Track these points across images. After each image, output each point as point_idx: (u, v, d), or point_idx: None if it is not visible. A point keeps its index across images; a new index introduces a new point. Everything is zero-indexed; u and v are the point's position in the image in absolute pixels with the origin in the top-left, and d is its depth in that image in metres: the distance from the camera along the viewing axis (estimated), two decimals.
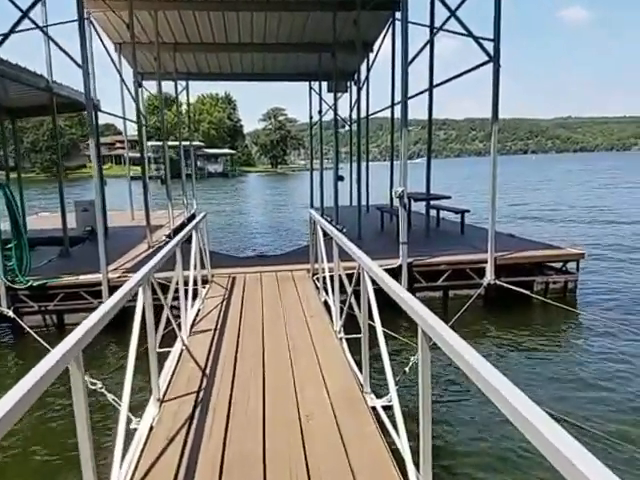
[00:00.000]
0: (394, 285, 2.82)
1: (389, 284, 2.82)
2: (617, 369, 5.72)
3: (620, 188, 32.43)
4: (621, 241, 13.60)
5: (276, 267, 7.90)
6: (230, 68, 16.75)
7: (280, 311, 5.70)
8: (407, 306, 2.49)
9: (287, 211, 25.22)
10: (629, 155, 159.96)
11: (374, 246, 9.54)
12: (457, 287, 7.92)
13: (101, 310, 2.40)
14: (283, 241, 15.42)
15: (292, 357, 4.28)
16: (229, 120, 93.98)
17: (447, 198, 10.81)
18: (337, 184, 12.01)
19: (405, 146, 7.42)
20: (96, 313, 2.34)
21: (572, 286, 8.11)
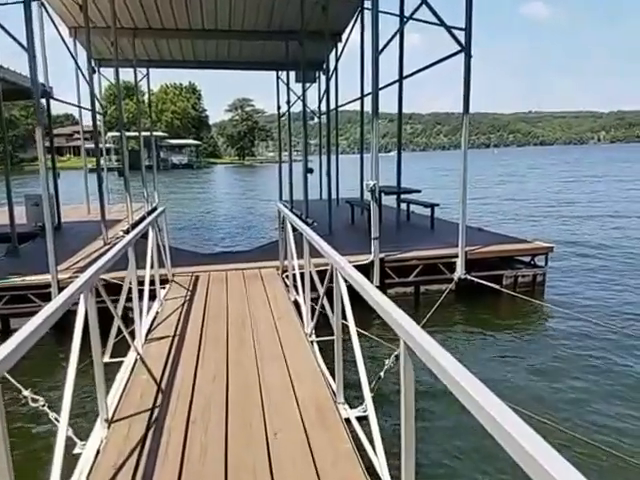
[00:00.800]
0: (372, 290, 2.51)
1: (367, 289, 2.51)
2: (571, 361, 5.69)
3: (581, 181, 33.00)
4: (590, 234, 13.68)
5: (243, 264, 7.51)
6: (193, 55, 16.16)
7: (247, 313, 5.34)
8: (388, 316, 2.18)
9: (255, 204, 24.72)
10: (586, 148, 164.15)
11: (345, 241, 9.26)
12: (428, 282, 7.71)
13: (27, 328, 2.01)
14: (251, 236, 14.93)
15: (259, 366, 3.94)
16: (194, 110, 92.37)
17: (417, 192, 10.59)
18: (306, 177, 11.67)
19: (376, 139, 7.12)
20: (19, 333, 1.95)
21: (540, 279, 8.01)
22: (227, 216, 20.23)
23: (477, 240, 8.23)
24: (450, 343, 6.29)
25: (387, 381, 4.27)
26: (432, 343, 1.78)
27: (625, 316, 7.02)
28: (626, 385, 5.08)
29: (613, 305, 7.49)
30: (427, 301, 7.52)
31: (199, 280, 6.87)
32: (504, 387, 5.01)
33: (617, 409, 4.61)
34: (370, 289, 2.54)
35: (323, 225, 10.49)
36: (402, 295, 7.65)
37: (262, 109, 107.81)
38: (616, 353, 5.82)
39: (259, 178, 51.04)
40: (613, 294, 8.07)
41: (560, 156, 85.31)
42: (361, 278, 2.79)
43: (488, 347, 6.22)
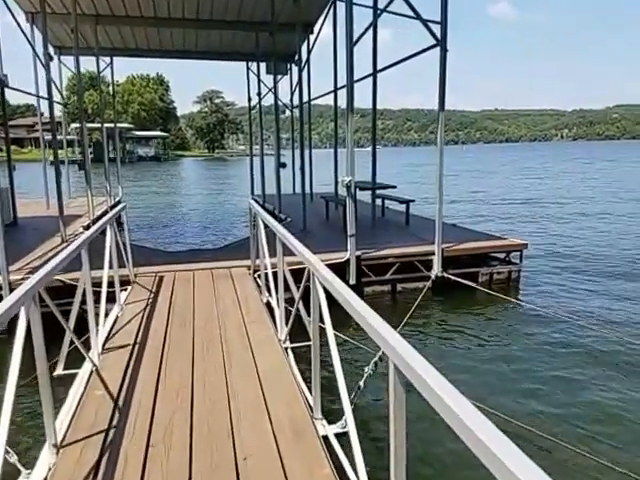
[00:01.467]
0: (355, 301, 2.22)
1: (349, 300, 2.21)
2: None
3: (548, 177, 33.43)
4: (564, 229, 13.71)
5: (212, 264, 7.14)
6: (159, 44, 15.54)
7: (215, 317, 4.99)
8: (376, 334, 1.87)
9: (225, 199, 24.19)
10: (551, 145, 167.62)
11: (320, 237, 8.99)
12: (405, 280, 7.48)
13: None
14: (221, 233, 14.41)
15: (228, 378, 3.60)
16: (161, 102, 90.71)
17: (392, 187, 10.37)
18: (279, 171, 11.33)
19: (351, 133, 6.83)
20: None
21: (515, 276, 7.88)
22: (195, 211, 19.66)
23: (452, 237, 8.03)
24: (430, 344, 6.07)
25: (367, 390, 4.01)
26: (427, 367, 1.49)
27: (601, 311, 6.93)
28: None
29: (590, 302, 7.40)
30: (404, 300, 7.30)
31: (163, 281, 6.48)
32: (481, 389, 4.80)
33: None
34: (352, 299, 2.25)
35: (297, 221, 10.18)
36: (379, 294, 7.41)
37: (232, 101, 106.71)
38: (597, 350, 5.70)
39: (229, 172, 50.32)
40: (588, 289, 8.01)
41: (530, 152, 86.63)
42: (342, 287, 2.49)
43: (470, 351, 6.02)
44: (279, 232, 4.19)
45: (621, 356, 5.60)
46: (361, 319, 2.05)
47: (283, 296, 4.48)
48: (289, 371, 3.70)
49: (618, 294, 7.76)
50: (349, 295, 2.30)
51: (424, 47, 7.19)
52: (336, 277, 2.65)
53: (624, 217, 15.64)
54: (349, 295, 2.30)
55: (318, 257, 3.06)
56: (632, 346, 5.71)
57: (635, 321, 6.62)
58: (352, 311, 2.16)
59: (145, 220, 16.82)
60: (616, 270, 9.16)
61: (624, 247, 11.16)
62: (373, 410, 4.26)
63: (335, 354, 2.89)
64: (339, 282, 2.54)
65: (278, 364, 3.84)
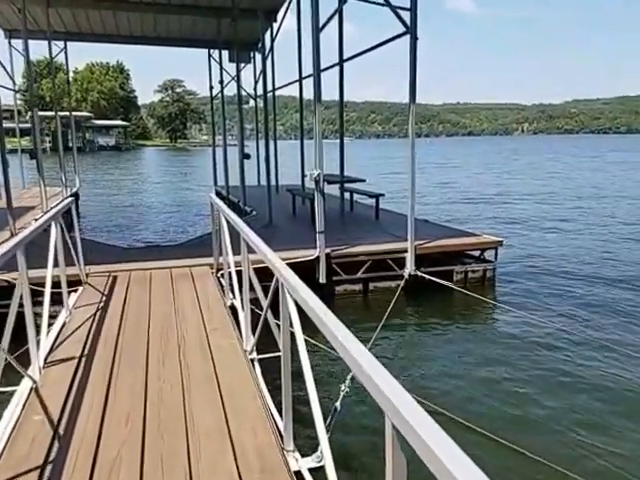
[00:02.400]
0: (333, 325, 1.86)
1: (330, 327, 1.85)
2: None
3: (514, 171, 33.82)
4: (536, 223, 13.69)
5: (170, 262, 6.66)
6: (117, 30, 14.72)
7: (173, 323, 4.55)
8: (370, 383, 1.44)
9: (187, 190, 23.47)
10: (512, 139, 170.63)
11: (287, 232, 8.61)
12: (377, 279, 7.17)
13: None
14: (181, 227, 13.74)
15: (186, 399, 3.19)
16: (122, 90, 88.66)
17: (362, 181, 10.05)
18: (243, 162, 10.87)
19: (319, 124, 6.44)
20: None
21: (490, 274, 7.67)
22: (155, 203, 18.94)
23: (425, 233, 7.76)
24: (403, 349, 5.80)
25: (345, 410, 3.67)
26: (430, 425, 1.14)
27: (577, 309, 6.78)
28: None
29: (564, 298, 7.25)
30: (376, 299, 7.00)
31: (117, 281, 5.97)
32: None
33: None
34: (326, 316, 1.90)
35: (263, 214, 9.76)
36: (350, 293, 7.08)
37: (194, 90, 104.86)
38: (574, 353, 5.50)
39: (192, 162, 49.27)
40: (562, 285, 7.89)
41: (495, 146, 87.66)
42: (315, 302, 2.14)
43: (445, 354, 5.76)
44: (245, 234, 3.78)
45: (596, 360, 5.43)
46: (340, 346, 1.69)
47: (249, 303, 4.08)
48: (255, 389, 3.31)
49: (590, 294, 7.66)
50: (325, 316, 1.95)
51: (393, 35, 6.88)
52: (309, 291, 2.30)
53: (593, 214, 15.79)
54: (325, 316, 1.95)
55: (286, 255, 2.71)
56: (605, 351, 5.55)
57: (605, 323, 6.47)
58: (329, 335, 1.80)
59: (102, 213, 16.08)
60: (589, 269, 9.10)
61: (595, 244, 11.12)
62: (353, 437, 3.91)
63: (308, 373, 2.51)
64: (313, 298, 2.19)
65: (243, 380, 3.45)
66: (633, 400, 4.57)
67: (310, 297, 2.20)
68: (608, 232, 12.39)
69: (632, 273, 8.63)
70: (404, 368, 5.30)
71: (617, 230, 12.65)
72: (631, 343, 5.66)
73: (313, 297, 2.21)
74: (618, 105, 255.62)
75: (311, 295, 2.24)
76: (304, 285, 2.40)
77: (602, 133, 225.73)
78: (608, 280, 8.16)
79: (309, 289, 2.37)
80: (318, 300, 2.17)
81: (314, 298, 2.19)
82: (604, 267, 9.08)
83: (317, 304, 2.12)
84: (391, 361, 5.41)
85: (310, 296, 2.22)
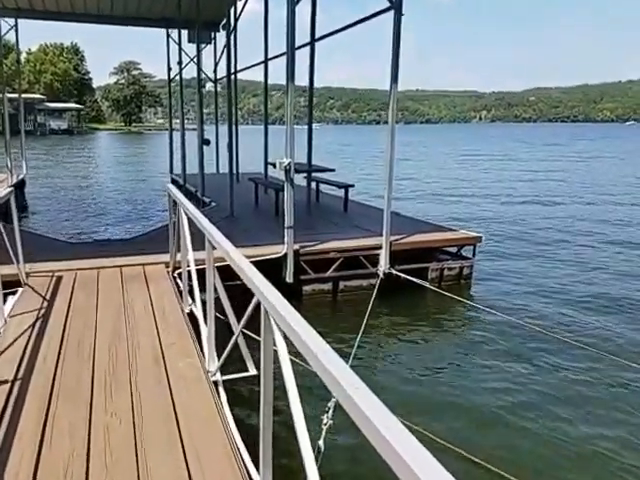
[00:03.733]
0: (339, 370, 1.36)
1: (334, 374, 1.34)
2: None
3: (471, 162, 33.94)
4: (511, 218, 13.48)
5: (121, 259, 5.99)
6: (71, 7, 13.59)
7: (123, 337, 3.94)
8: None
9: (142, 177, 22.40)
10: (471, 127, 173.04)
11: (251, 226, 8.03)
12: (349, 278, 6.69)
13: None
14: (134, 219, 12.77)
15: (138, 442, 2.61)
16: (76, 72, 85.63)
17: (331, 171, 9.53)
18: (202, 148, 10.19)
19: (291, 106, 5.87)
20: None
21: (467, 272, 7.30)
22: (105, 192, 17.80)
23: (397, 227, 7.28)
24: (377, 359, 5.35)
25: (332, 449, 3.18)
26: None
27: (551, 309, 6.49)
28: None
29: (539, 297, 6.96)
30: (347, 299, 6.54)
31: (62, 282, 5.29)
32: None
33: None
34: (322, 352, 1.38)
35: (223, 205, 9.14)
36: (319, 293, 6.58)
37: (151, 73, 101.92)
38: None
39: (147, 147, 47.61)
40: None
41: (456, 134, 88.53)
42: (313, 339, 1.61)
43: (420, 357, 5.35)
44: (211, 235, 3.22)
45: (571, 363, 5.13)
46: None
47: (213, 317, 3.51)
48: (221, 425, 2.77)
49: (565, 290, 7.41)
50: (329, 358, 1.44)
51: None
52: (302, 321, 1.77)
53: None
54: (329, 358, 1.44)
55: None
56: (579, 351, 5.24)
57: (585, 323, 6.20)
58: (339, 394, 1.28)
59: (48, 202, 15.01)
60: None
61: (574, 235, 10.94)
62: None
63: (299, 421, 1.96)
64: (308, 331, 1.67)
65: (206, 413, 2.89)
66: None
67: (305, 330, 1.68)
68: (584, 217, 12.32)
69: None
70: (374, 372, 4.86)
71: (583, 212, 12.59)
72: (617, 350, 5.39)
73: (308, 329, 1.69)
74: (577, 94, 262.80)
75: (305, 326, 1.72)
76: (295, 312, 1.87)
77: (560, 122, 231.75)
78: (588, 275, 7.94)
79: (300, 316, 1.85)
80: (313, 332, 1.66)
81: (309, 330, 1.67)
82: (583, 260, 8.89)
83: (313, 339, 1.60)
84: (368, 370, 4.97)
85: (305, 329, 1.70)
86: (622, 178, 22.64)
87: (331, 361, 1.43)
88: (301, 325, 1.73)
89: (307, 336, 1.64)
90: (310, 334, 1.66)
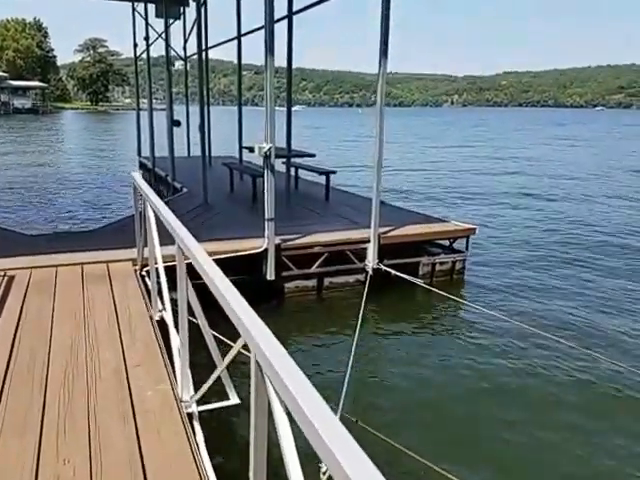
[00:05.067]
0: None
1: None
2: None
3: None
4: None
5: (83, 255, 5.35)
6: None
7: (82, 356, 3.35)
8: None
9: (108, 160, 21.37)
10: (442, 111, 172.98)
11: (227, 216, 7.43)
12: (334, 274, 6.18)
13: None
14: (98, 207, 11.81)
15: None
16: (39, 49, 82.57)
17: (311, 156, 8.96)
18: (172, 130, 9.50)
19: (271, 86, 5.27)
20: None
21: (460, 266, 6.86)
22: (68, 176, 16.74)
23: (384, 218, 6.73)
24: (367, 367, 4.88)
25: None
26: None
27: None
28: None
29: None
30: (332, 297, 6.05)
31: (14, 283, 4.65)
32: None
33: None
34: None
35: (196, 192, 8.52)
36: (302, 290, 6.07)
37: (117, 51, 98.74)
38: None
39: (114, 127, 46.04)
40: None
41: (432, 118, 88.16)
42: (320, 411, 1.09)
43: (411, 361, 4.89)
44: (177, 235, 2.65)
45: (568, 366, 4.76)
46: None
47: (187, 334, 2.96)
48: (197, 473, 2.25)
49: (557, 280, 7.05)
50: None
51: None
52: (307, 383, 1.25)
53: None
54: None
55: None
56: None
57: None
58: None
59: (5, 188, 14.01)
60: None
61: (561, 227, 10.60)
62: None
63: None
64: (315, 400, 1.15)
65: (179, 458, 2.37)
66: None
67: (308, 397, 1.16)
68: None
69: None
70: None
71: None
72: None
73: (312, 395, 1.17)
74: (547, 79, 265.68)
75: (310, 393, 1.19)
76: (298, 372, 1.34)
77: (530, 106, 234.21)
78: (585, 269, 7.58)
79: (305, 378, 1.32)
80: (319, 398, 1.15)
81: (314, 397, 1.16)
82: (581, 254, 8.51)
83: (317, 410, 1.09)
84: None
85: (309, 395, 1.17)
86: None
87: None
88: (306, 392, 1.19)
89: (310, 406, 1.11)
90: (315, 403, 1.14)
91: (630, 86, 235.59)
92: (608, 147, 32.26)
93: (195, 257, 2.36)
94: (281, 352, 1.42)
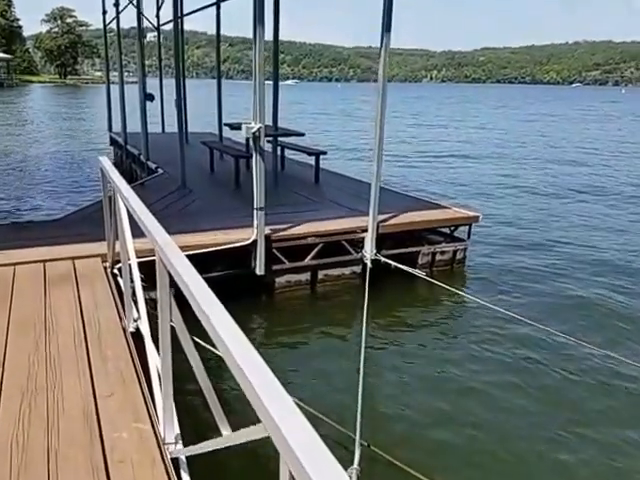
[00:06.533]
0: None
1: None
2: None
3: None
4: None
5: (45, 249, 4.70)
6: None
7: (42, 381, 2.77)
8: None
9: (77, 138, 20.22)
10: (421, 87, 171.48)
11: (209, 201, 6.80)
12: (328, 266, 5.64)
13: None
14: (63, 191, 10.65)
15: None
16: (3, 18, 79.11)
17: (300, 135, 8.32)
18: (145, 104, 8.76)
19: (261, 57, 4.62)
20: None
21: (461, 256, 6.37)
22: (29, 156, 15.49)
23: (382, 204, 6.23)
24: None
25: None
26: None
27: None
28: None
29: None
30: (328, 291, 5.53)
31: None
32: None
33: None
34: None
35: (173, 173, 7.86)
36: (295, 285, 5.51)
37: (86, 22, 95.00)
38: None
39: (84, 101, 44.29)
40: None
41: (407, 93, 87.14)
42: None
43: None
44: (173, 267, 2.07)
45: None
46: None
47: (170, 360, 2.39)
48: None
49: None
50: None
51: None
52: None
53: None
54: None
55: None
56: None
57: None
58: None
59: None
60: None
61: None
62: None
63: None
64: None
65: None
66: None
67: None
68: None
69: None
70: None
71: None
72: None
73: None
74: (525, 55, 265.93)
75: None
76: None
77: (508, 83, 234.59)
78: (596, 259, 7.14)
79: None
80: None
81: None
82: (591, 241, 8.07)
83: None
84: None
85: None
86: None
87: None
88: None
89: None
90: None
91: (606, 63, 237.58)
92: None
93: (181, 278, 1.79)
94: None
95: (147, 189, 7.59)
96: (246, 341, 1.32)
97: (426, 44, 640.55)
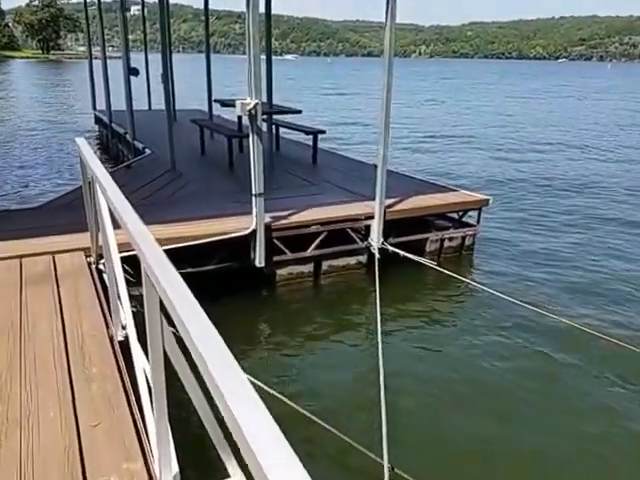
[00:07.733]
0: None
1: None
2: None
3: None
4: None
5: (23, 243, 4.27)
6: None
7: (15, 408, 2.37)
8: None
9: (59, 116, 19.43)
10: (409, 62, 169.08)
11: (201, 186, 6.35)
12: (333, 255, 5.24)
13: None
14: (43, 177, 9.74)
15: None
16: None
17: (297, 112, 7.84)
18: (129, 80, 8.24)
19: (255, 31, 4.14)
20: None
21: (470, 242, 6.01)
22: (4, 137, 14.66)
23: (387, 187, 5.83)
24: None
25: None
26: None
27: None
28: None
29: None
30: (333, 283, 5.15)
31: None
32: None
33: None
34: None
35: (161, 155, 7.38)
36: (297, 277, 5.11)
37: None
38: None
39: (66, 77, 43.04)
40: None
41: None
42: None
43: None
44: (157, 279, 1.66)
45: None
46: None
47: (164, 381, 2.00)
48: None
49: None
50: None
51: None
52: None
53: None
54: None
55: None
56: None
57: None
58: None
59: None
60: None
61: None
62: None
63: None
64: None
65: None
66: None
67: None
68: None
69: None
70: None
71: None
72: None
73: None
74: (512, 30, 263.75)
75: None
76: None
77: (495, 58, 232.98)
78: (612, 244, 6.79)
79: None
80: None
81: None
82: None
83: None
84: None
85: None
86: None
87: None
88: None
89: None
90: None
91: (591, 38, 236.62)
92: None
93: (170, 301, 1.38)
94: None
95: (133, 172, 7.13)
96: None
97: (415, 18, 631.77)
